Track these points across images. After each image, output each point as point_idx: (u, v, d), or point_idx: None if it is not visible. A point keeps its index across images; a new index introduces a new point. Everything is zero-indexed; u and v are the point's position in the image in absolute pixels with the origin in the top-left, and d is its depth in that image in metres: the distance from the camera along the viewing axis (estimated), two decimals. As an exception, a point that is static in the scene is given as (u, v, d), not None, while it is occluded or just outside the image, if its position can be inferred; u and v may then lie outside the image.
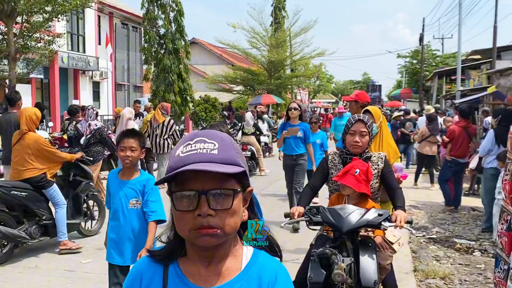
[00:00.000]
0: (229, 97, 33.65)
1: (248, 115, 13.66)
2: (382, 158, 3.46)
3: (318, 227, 3.36)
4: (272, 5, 36.72)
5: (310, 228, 3.31)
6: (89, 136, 7.92)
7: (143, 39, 21.12)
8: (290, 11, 36.79)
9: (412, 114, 17.66)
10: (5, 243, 5.51)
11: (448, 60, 33.72)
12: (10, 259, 5.53)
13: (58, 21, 13.20)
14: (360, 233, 3.17)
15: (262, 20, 31.51)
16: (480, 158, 7.72)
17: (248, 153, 12.35)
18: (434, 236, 6.96)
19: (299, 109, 7.43)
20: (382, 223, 3.00)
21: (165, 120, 9.88)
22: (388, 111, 32.78)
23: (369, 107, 4.27)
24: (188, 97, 19.95)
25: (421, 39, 31.91)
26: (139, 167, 3.73)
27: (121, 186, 3.51)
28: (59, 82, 23.55)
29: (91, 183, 6.73)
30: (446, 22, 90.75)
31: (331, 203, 3.45)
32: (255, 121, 14.28)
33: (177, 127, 10.62)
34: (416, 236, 6.95)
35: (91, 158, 7.44)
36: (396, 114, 15.90)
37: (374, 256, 3.04)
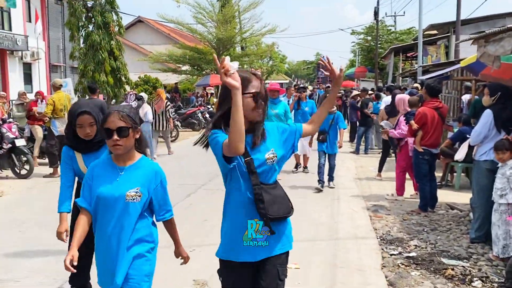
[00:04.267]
0: (178, 79, 31.40)
1: None
2: None
3: None
4: (219, -22, 34.38)
5: None
6: None
7: (67, 12, 18.55)
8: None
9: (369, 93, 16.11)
10: None
11: (403, 36, 32.42)
12: None
13: None
14: None
15: (208, -7, 29.20)
16: (471, 147, 6.02)
17: None
18: (413, 254, 5.25)
19: None
20: None
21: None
22: (342, 91, 31.33)
23: None
24: (122, 78, 17.61)
25: (376, 13, 30.33)
26: None
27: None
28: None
29: None
30: None
31: None
32: None
33: (170, 108, 13.04)
34: (391, 255, 5.22)
35: None
36: (355, 92, 14.22)
37: None
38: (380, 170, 9.82)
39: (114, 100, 17.24)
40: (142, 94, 12.51)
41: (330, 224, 6.40)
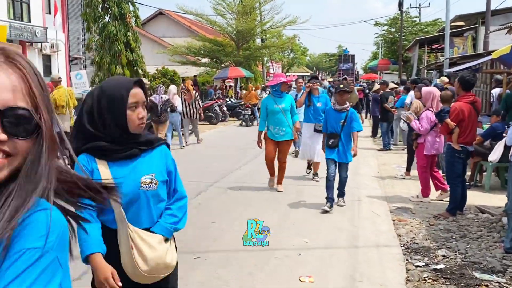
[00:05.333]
0: (197, 71, 31.10)
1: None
2: None
3: None
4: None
5: None
6: (161, 105, 11.54)
7: (83, 2, 18.28)
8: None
9: (392, 86, 15.43)
10: None
11: (428, 28, 31.41)
12: None
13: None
14: None
15: (228, -15, 28.79)
16: (508, 148, 5.46)
17: None
18: (441, 265, 4.73)
19: None
20: None
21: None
22: (364, 84, 30.53)
23: None
24: (139, 70, 17.27)
25: (400, 3, 29.41)
26: None
27: None
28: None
29: None
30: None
31: None
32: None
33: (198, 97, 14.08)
34: (416, 267, 4.71)
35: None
36: (377, 86, 13.63)
37: None
38: (408, 169, 9.22)
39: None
40: (172, 86, 13.10)
41: (350, 229, 5.91)
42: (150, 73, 20.07)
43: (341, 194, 6.98)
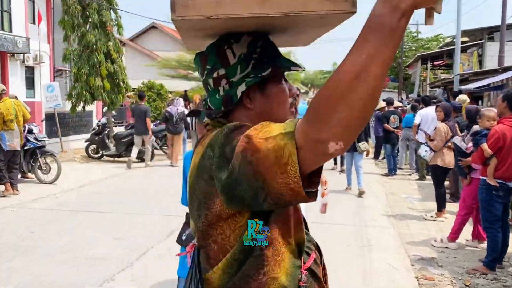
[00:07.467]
0: (190, 85, 29.88)
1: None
2: None
3: None
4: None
5: None
6: (177, 117, 12.24)
7: (61, 9, 16.91)
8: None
9: (397, 104, 14.04)
10: None
11: (429, 43, 30.18)
12: None
13: None
14: None
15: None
16: None
17: None
18: None
19: None
20: None
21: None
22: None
23: None
24: (121, 83, 15.78)
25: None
26: None
27: None
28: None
29: None
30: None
31: None
32: None
33: None
34: None
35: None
36: (382, 104, 12.23)
37: None
38: (440, 208, 7.22)
39: (106, 108, 15.55)
40: (180, 99, 13.52)
41: (361, 293, 4.43)
42: (134, 86, 18.63)
43: None
